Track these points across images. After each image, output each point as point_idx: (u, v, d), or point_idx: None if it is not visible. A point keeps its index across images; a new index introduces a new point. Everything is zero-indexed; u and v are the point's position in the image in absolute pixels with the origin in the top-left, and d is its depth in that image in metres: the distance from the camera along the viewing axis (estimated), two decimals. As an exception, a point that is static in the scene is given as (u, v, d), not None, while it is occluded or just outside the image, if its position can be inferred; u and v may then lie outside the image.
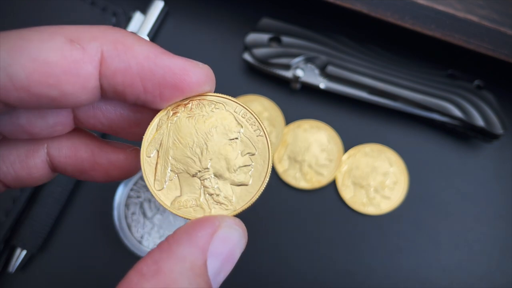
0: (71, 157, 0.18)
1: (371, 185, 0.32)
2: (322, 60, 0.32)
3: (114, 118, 0.17)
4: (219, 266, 0.15)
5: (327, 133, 0.33)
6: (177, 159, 0.16)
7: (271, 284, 0.31)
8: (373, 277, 0.31)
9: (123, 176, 0.19)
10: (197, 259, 0.14)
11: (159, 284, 0.13)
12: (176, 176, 0.16)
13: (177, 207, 0.16)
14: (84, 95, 0.15)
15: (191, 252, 0.14)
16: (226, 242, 0.15)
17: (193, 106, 0.17)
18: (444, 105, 0.31)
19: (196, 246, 0.14)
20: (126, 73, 0.15)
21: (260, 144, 0.17)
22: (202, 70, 0.16)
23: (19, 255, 0.30)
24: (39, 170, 0.18)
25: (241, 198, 0.16)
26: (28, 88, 0.14)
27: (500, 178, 0.33)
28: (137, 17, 0.33)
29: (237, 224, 0.16)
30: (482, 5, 0.29)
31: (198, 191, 0.16)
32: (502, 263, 0.31)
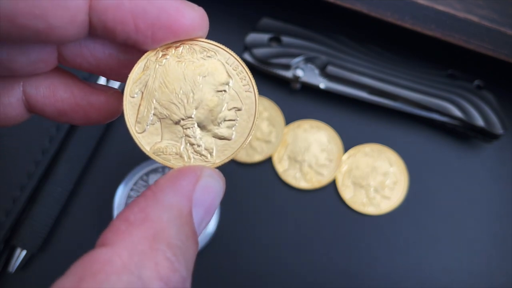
0: (49, 97, 0.17)
1: (371, 185, 0.32)
2: (322, 60, 0.32)
3: (102, 58, 0.17)
4: (202, 215, 0.15)
5: (327, 133, 0.33)
6: (161, 103, 0.16)
7: (271, 284, 0.31)
8: (373, 277, 0.31)
9: (102, 120, 0.18)
10: (184, 207, 0.14)
11: (148, 231, 0.13)
12: (159, 121, 0.16)
13: (156, 152, 0.16)
14: (72, 29, 0.14)
15: (177, 200, 0.14)
16: (208, 191, 0.15)
17: (184, 50, 0.16)
18: (444, 105, 0.31)
19: (182, 194, 0.14)
20: (118, 8, 0.14)
21: (248, 100, 0.16)
22: (197, 13, 0.16)
23: (19, 255, 0.30)
24: (14, 109, 0.17)
25: (222, 152, 0.16)
26: (14, 18, 0.13)
27: (500, 178, 0.33)
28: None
29: (217, 174, 0.15)
30: (482, 5, 0.29)
31: (179, 140, 0.16)
32: (502, 262, 0.31)
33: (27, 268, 0.31)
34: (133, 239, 0.13)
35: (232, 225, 0.32)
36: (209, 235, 0.30)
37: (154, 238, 0.13)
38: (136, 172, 0.31)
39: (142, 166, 0.31)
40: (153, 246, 0.13)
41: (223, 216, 0.31)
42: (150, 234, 0.13)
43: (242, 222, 0.32)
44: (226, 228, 0.31)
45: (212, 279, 0.31)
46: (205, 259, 0.31)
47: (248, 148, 0.32)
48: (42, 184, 0.30)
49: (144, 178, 0.31)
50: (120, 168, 0.31)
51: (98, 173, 0.32)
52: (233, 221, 0.32)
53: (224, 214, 0.31)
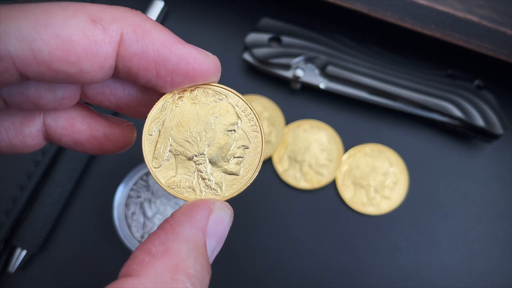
0: (67, 129, 0.18)
1: (371, 185, 0.32)
2: (322, 60, 0.32)
3: (122, 97, 0.18)
4: (214, 245, 0.16)
5: (327, 133, 0.33)
6: (176, 141, 0.17)
7: (271, 284, 0.31)
8: (373, 276, 0.31)
9: (116, 150, 0.19)
10: (200, 239, 0.15)
11: (169, 263, 0.14)
12: (174, 157, 0.17)
13: (171, 186, 0.17)
14: (100, 74, 0.16)
15: (193, 233, 0.15)
16: (219, 223, 0.16)
17: (198, 93, 0.17)
18: (444, 105, 0.31)
19: (198, 227, 0.15)
20: (142, 57, 0.16)
21: (255, 139, 0.18)
22: (212, 61, 0.17)
23: (19, 255, 0.30)
24: (34, 138, 0.18)
25: (231, 186, 0.18)
26: (49, 64, 0.14)
27: (500, 178, 0.33)
28: (137, 17, 0.33)
29: (227, 207, 0.17)
30: (482, 5, 0.29)
31: (192, 174, 0.17)
32: (502, 262, 0.31)
33: (27, 268, 0.31)
34: (156, 270, 0.14)
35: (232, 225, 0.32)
36: (209, 235, 0.30)
37: (175, 270, 0.14)
38: (136, 172, 0.31)
39: (142, 166, 0.31)
40: (174, 277, 0.14)
41: (223, 216, 0.31)
42: (171, 265, 0.14)
43: (242, 222, 0.32)
44: (226, 228, 0.31)
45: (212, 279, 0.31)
46: (205, 259, 0.31)
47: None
48: (42, 184, 0.30)
49: (144, 178, 0.31)
50: (120, 168, 0.31)
51: (98, 173, 0.32)
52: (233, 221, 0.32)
53: (224, 214, 0.31)
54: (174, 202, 0.31)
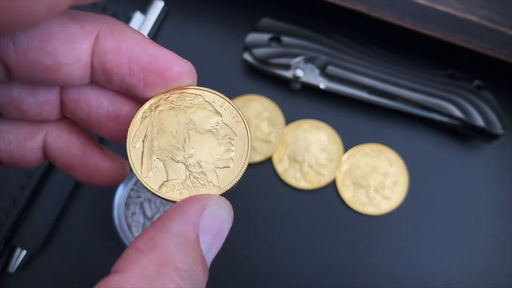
0: (63, 150, 0.19)
1: (371, 185, 0.32)
2: (322, 60, 0.32)
3: (94, 107, 0.18)
4: (211, 241, 0.16)
5: (327, 133, 0.33)
6: (162, 147, 0.17)
7: (271, 284, 0.31)
8: (373, 276, 0.31)
9: (104, 184, 0.20)
10: (190, 233, 0.15)
11: (157, 257, 0.14)
12: (162, 163, 0.17)
13: (164, 191, 0.17)
14: (76, 69, 0.16)
15: (183, 227, 0.15)
16: (215, 218, 0.16)
17: (174, 98, 0.18)
18: (444, 105, 0.31)
19: (188, 221, 0.15)
20: (115, 52, 0.16)
21: (239, 128, 0.18)
22: (185, 63, 0.18)
23: (19, 255, 0.30)
24: (33, 154, 0.19)
25: (225, 179, 0.18)
26: (27, 53, 0.15)
27: (500, 178, 0.33)
28: (137, 17, 0.33)
29: (223, 202, 0.17)
30: (482, 5, 0.29)
31: (183, 175, 0.17)
32: (502, 262, 0.31)
33: (27, 268, 0.31)
34: (142, 265, 0.14)
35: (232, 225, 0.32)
36: (209, 235, 0.30)
37: (162, 263, 0.14)
38: (136, 172, 0.31)
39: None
40: (161, 270, 0.13)
41: (223, 216, 0.31)
42: (158, 260, 0.14)
43: (242, 222, 0.32)
44: (226, 228, 0.31)
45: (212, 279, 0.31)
46: (205, 259, 0.31)
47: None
48: (42, 184, 0.30)
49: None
50: (120, 168, 0.31)
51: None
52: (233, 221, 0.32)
53: (224, 214, 0.31)
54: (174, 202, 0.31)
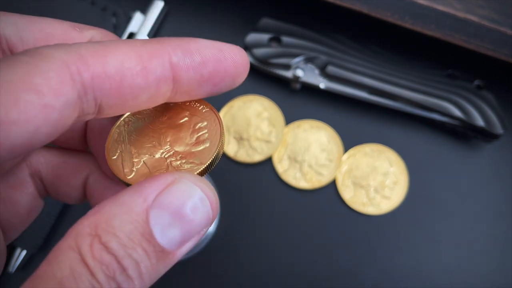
0: (99, 193, 0.20)
1: (371, 185, 0.32)
2: (322, 60, 0.32)
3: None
4: (168, 219, 0.14)
5: (327, 133, 0.33)
6: (139, 151, 0.18)
7: (271, 284, 0.31)
8: (373, 276, 0.31)
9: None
10: (137, 205, 0.14)
11: (94, 221, 0.14)
12: (142, 161, 0.18)
13: None
14: None
15: (132, 199, 0.14)
16: (175, 195, 0.14)
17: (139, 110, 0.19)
18: (444, 105, 0.31)
19: (139, 194, 0.14)
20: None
21: (207, 114, 0.19)
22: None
23: (19, 255, 0.30)
24: (76, 191, 0.21)
25: (205, 157, 0.18)
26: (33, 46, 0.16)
27: (500, 177, 0.33)
28: (137, 17, 0.33)
29: (198, 181, 0.15)
30: (482, 5, 0.29)
31: (165, 166, 0.18)
32: (502, 262, 0.31)
33: (27, 268, 0.31)
34: (78, 227, 0.14)
35: (232, 225, 0.32)
36: (209, 235, 0.30)
37: (95, 226, 0.14)
38: (136, 172, 0.31)
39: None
40: (92, 232, 0.14)
41: (223, 216, 0.31)
42: (94, 223, 0.14)
43: (242, 222, 0.32)
44: (226, 228, 0.31)
45: (212, 278, 0.31)
46: (205, 259, 0.31)
47: (248, 148, 0.32)
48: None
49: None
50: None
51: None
52: (233, 221, 0.32)
53: (224, 214, 0.31)
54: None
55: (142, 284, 0.14)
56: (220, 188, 0.31)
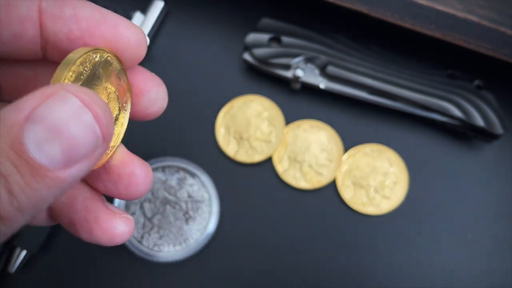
0: (66, 205, 0.18)
1: (371, 185, 0.32)
2: (322, 60, 0.32)
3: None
4: (44, 134, 0.13)
5: (327, 133, 0.33)
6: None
7: (271, 284, 0.31)
8: (373, 276, 0.31)
9: (104, 241, 0.18)
10: (10, 118, 0.13)
11: None
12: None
13: None
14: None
15: (9, 113, 0.13)
16: (54, 108, 0.13)
17: None
18: (444, 105, 0.31)
19: (16, 108, 0.13)
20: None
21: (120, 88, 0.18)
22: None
23: (19, 255, 0.30)
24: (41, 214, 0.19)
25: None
26: None
27: (500, 177, 0.33)
28: (137, 17, 0.33)
29: (81, 94, 0.13)
30: (482, 5, 0.29)
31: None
32: (502, 262, 0.31)
33: (27, 268, 0.31)
34: None
35: (232, 224, 0.32)
36: (209, 234, 0.30)
37: None
38: (136, 172, 0.31)
39: (142, 166, 0.31)
40: None
41: (223, 215, 0.31)
42: None
43: (242, 221, 0.32)
44: (226, 227, 0.31)
45: (212, 278, 0.31)
46: (205, 258, 0.31)
47: (248, 148, 0.32)
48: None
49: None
50: (120, 168, 0.31)
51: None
52: (233, 221, 0.32)
53: (224, 214, 0.31)
54: (174, 202, 0.31)
55: (14, 201, 0.12)
56: (220, 188, 0.31)
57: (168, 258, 0.30)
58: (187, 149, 0.32)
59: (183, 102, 0.33)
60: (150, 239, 0.30)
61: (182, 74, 0.34)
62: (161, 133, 0.33)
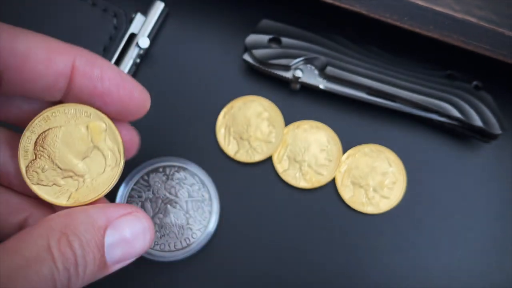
0: None
1: (370, 185, 0.32)
2: (322, 61, 0.32)
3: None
4: (117, 240, 0.18)
5: (327, 133, 0.33)
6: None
7: (270, 283, 0.31)
8: (372, 276, 0.31)
9: None
10: (100, 221, 0.18)
11: (66, 222, 0.17)
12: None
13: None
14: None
15: (98, 215, 0.18)
16: (130, 224, 0.19)
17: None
18: (442, 106, 0.31)
19: (104, 213, 0.18)
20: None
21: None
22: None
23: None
24: None
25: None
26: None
27: (498, 177, 0.33)
28: (138, 19, 0.33)
29: (145, 219, 0.20)
30: (480, 6, 0.30)
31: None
32: (501, 262, 0.32)
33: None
34: (50, 222, 0.17)
35: (232, 224, 0.32)
36: (209, 234, 0.31)
37: (66, 226, 0.17)
38: (137, 172, 0.31)
39: (143, 166, 0.31)
40: (62, 230, 0.17)
41: (224, 215, 0.32)
42: (64, 223, 0.17)
43: (242, 221, 0.32)
44: (226, 227, 0.32)
45: (212, 278, 0.31)
46: (205, 259, 0.31)
47: (248, 148, 0.33)
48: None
49: (145, 178, 0.31)
50: (121, 168, 0.31)
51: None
52: (233, 220, 0.32)
53: (224, 214, 0.32)
54: (175, 202, 0.31)
55: (80, 282, 0.17)
56: (220, 188, 0.32)
57: (168, 257, 0.30)
58: (187, 149, 0.33)
59: (183, 102, 0.33)
60: (151, 238, 0.30)
61: (183, 75, 0.34)
62: (161, 133, 0.33)
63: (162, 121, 0.33)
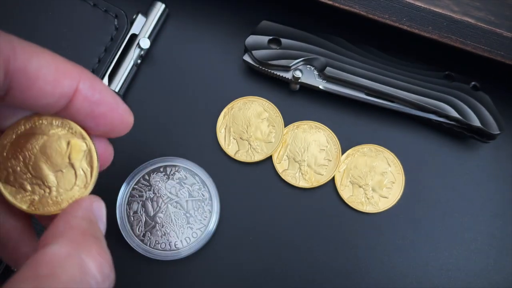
0: None
1: (369, 185, 0.32)
2: (321, 61, 0.32)
3: None
4: (104, 227, 0.21)
5: (326, 134, 0.33)
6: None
7: (270, 283, 0.31)
8: (371, 275, 0.31)
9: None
10: (91, 215, 0.20)
11: (80, 230, 0.19)
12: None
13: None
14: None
15: (87, 214, 0.20)
16: (100, 209, 0.21)
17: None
18: (441, 106, 0.32)
19: (88, 210, 0.21)
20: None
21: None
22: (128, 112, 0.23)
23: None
24: None
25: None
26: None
27: (496, 177, 0.33)
28: (138, 19, 0.33)
29: (100, 199, 0.22)
30: (478, 7, 0.30)
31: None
32: (499, 261, 0.32)
33: (30, 266, 0.31)
34: (70, 236, 0.18)
35: (233, 223, 0.32)
36: (209, 233, 0.31)
37: (84, 234, 0.19)
38: (138, 171, 0.31)
39: (144, 166, 0.31)
40: (85, 237, 0.19)
41: (224, 214, 0.32)
42: (80, 232, 0.19)
43: (242, 220, 0.32)
44: (226, 227, 0.32)
45: (212, 277, 0.31)
46: (205, 258, 0.31)
47: (248, 148, 0.33)
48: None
49: (145, 178, 0.31)
50: (122, 168, 0.32)
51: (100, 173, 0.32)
52: (233, 220, 0.32)
53: (224, 213, 0.32)
54: (176, 202, 0.31)
55: None
56: (220, 187, 0.32)
57: (169, 256, 0.30)
58: (188, 149, 0.33)
59: (184, 103, 0.34)
60: (152, 237, 0.31)
61: (183, 75, 0.34)
62: (162, 133, 0.33)
63: (163, 121, 0.33)
